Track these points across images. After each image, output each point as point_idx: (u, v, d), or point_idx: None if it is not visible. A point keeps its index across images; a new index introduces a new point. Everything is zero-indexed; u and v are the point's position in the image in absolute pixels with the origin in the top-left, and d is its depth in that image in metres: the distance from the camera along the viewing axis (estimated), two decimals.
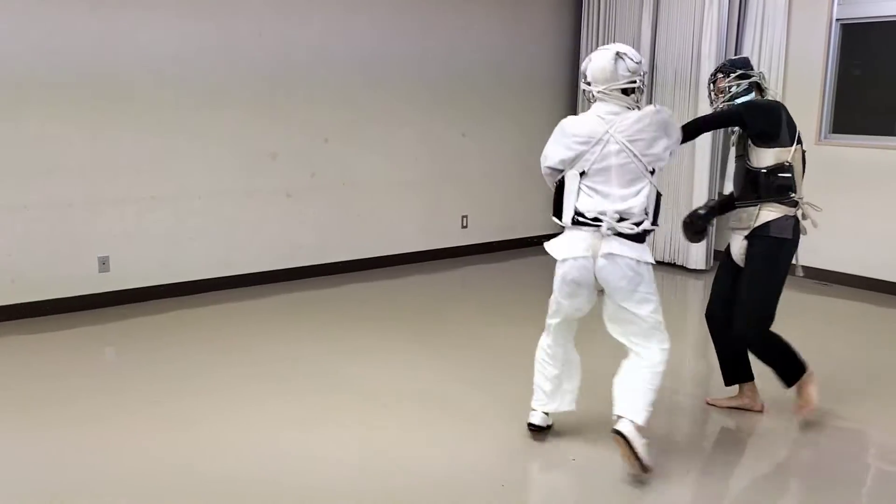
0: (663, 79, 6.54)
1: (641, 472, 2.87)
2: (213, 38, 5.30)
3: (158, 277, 5.29)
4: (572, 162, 3.01)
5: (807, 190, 3.47)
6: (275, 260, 5.82)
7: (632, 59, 2.98)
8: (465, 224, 6.89)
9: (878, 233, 5.66)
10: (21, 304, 4.79)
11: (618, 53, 2.96)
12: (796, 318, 4.07)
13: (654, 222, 3.00)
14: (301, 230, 5.93)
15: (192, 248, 5.42)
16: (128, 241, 5.15)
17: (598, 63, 2.98)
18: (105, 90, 4.93)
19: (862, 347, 4.58)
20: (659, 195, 3.03)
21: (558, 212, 3.09)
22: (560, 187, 3.08)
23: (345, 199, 6.13)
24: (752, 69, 3.47)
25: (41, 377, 3.93)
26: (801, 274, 3.43)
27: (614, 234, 2.92)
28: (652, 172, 2.95)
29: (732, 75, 3.44)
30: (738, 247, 3.41)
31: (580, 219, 2.98)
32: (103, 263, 5.06)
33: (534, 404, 3.26)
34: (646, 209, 2.95)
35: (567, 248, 3.04)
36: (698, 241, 3.74)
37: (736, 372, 3.55)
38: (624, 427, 2.85)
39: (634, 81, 2.98)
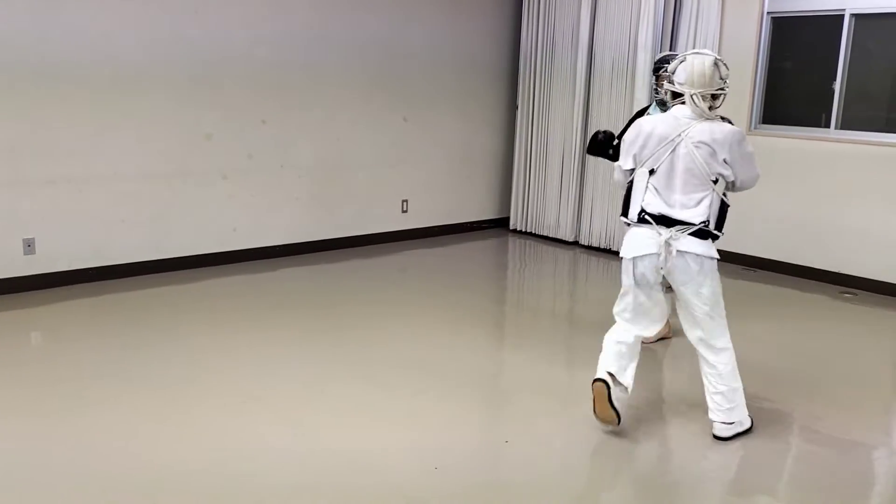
0: (600, 68, 6.63)
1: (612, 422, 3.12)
2: (148, 16, 5.13)
3: (88, 261, 5.14)
4: (643, 160, 3.10)
5: None
6: (209, 243, 5.71)
7: (726, 68, 3.08)
8: (405, 209, 6.88)
9: (804, 221, 5.87)
10: None
11: (717, 60, 3.05)
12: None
13: (719, 229, 3.10)
14: (237, 213, 5.83)
15: (124, 230, 5.27)
16: (56, 224, 4.97)
17: (697, 67, 3.02)
18: (32, 69, 4.72)
19: (785, 333, 4.75)
20: (725, 205, 3.11)
21: (626, 210, 3.19)
22: (629, 187, 3.19)
23: (283, 181, 6.04)
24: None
25: None
26: None
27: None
28: (715, 182, 3.04)
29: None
30: None
31: (646, 216, 3.09)
32: (28, 246, 4.89)
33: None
34: (708, 217, 3.05)
35: (636, 245, 3.12)
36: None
37: None
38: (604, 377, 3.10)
39: (723, 89, 3.07)
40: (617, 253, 4.96)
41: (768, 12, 5.95)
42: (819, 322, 4.99)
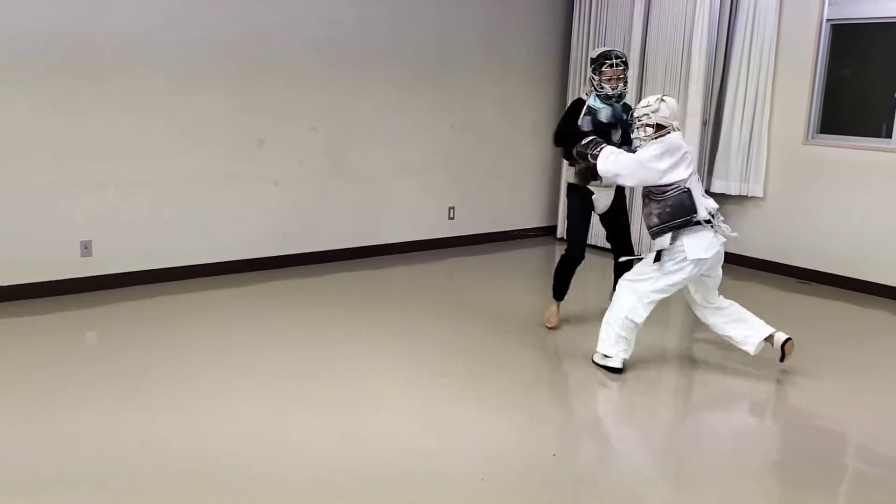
0: (652, 74, 6.54)
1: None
2: (206, 20, 5.24)
3: (141, 263, 5.26)
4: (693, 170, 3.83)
5: (791, 188, 4.27)
6: (259, 247, 5.80)
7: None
8: (451, 215, 6.88)
9: (860, 233, 5.70)
10: (0, 286, 4.76)
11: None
12: (767, 318, 4.10)
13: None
14: (287, 218, 5.91)
15: (176, 233, 5.39)
16: (110, 226, 5.11)
17: (674, 105, 3.87)
18: (84, 70, 4.85)
19: (838, 345, 4.61)
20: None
21: (692, 210, 3.75)
22: (684, 192, 3.76)
23: (331, 187, 6.10)
24: None
25: (21, 362, 3.90)
26: None
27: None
28: None
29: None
30: (607, 199, 4.45)
31: (709, 218, 3.79)
32: (86, 248, 5.03)
33: (619, 353, 3.93)
34: None
35: (706, 247, 3.77)
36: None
37: (565, 289, 4.66)
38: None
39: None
40: None
41: (828, 19, 5.79)
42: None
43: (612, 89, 4.23)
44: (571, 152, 4.18)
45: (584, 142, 4.06)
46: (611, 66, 4.22)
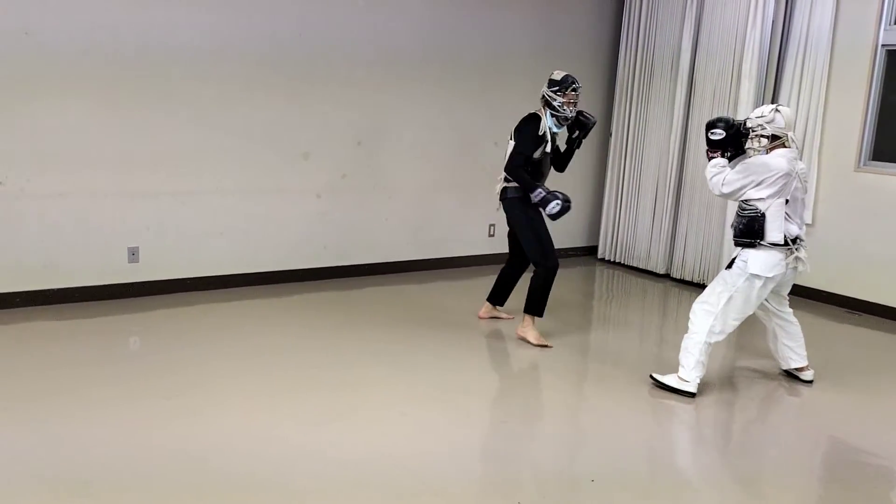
0: (700, 96, 6.46)
1: None
2: (254, 34, 5.35)
3: (186, 271, 5.37)
4: (781, 193, 3.85)
5: (841, 215, 4.45)
6: (301, 259, 5.86)
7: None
8: (492, 232, 6.87)
9: None
10: (51, 290, 4.89)
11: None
12: (817, 348, 4.01)
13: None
14: (328, 231, 5.97)
15: (221, 243, 5.48)
16: (158, 234, 5.22)
17: (789, 114, 3.90)
18: (148, 85, 5.01)
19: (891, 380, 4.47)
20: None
21: (761, 235, 3.85)
22: (757, 216, 3.85)
23: (373, 202, 6.15)
24: None
25: (64, 363, 4.00)
26: None
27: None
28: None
29: None
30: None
31: (787, 239, 3.88)
32: (133, 254, 5.14)
33: (695, 378, 3.96)
34: None
35: (771, 266, 3.86)
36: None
37: (504, 296, 5.06)
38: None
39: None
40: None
41: (883, 44, 5.66)
42: None
43: (570, 113, 4.56)
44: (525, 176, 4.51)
45: (711, 135, 4.04)
46: (574, 90, 4.52)
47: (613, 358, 4.71)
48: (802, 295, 6.11)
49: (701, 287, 6.40)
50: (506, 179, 4.67)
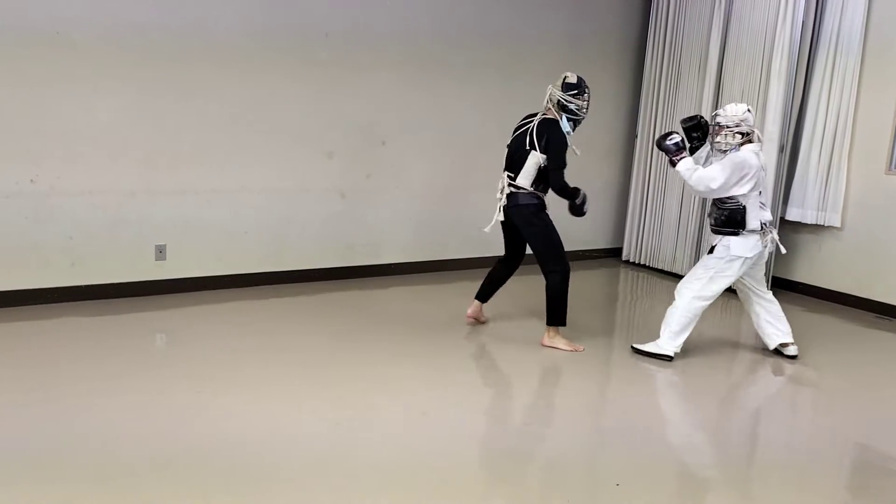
0: (729, 95, 6.38)
1: None
2: (281, 35, 5.39)
3: (212, 268, 5.41)
4: (758, 186, 4.26)
5: (871, 218, 4.35)
6: (324, 258, 5.89)
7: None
8: None
9: None
10: (79, 286, 4.95)
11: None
12: (844, 353, 3.94)
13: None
14: (352, 230, 5.99)
15: (247, 241, 5.52)
16: (185, 232, 5.27)
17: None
18: (176, 84, 5.06)
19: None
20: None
21: (741, 224, 4.28)
22: (739, 208, 4.26)
23: (397, 202, 6.16)
24: None
25: (94, 358, 4.05)
26: None
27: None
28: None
29: None
30: None
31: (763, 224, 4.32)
32: (160, 252, 5.19)
33: (675, 348, 4.44)
34: None
35: (753, 245, 4.31)
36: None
37: (491, 294, 4.91)
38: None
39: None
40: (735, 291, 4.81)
41: None
42: None
43: (579, 116, 4.43)
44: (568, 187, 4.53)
45: (669, 142, 4.36)
46: (588, 94, 4.43)
47: (635, 361, 4.67)
48: (827, 298, 6.04)
49: (728, 291, 6.34)
50: (511, 185, 4.53)
